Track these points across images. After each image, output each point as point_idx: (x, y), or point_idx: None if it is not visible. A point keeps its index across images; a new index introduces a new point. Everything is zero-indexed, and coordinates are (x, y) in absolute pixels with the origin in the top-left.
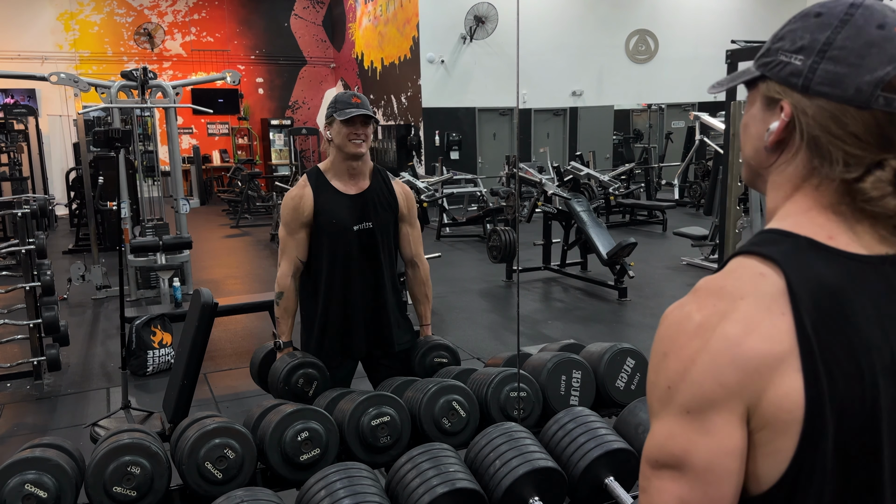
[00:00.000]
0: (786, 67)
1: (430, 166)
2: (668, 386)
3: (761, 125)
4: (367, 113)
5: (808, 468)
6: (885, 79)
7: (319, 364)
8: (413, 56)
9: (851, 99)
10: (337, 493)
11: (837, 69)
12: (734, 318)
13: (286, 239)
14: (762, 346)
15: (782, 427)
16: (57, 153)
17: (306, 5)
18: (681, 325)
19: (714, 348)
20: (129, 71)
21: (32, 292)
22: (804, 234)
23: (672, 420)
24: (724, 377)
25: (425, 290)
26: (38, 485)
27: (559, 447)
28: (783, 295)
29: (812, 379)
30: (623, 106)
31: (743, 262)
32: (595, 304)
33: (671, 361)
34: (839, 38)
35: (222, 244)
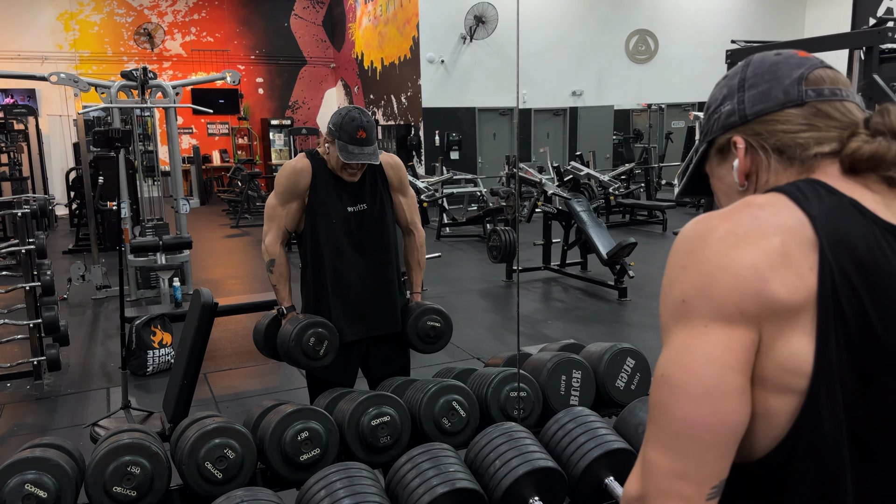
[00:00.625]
0: (721, 118)
1: (430, 166)
2: (684, 300)
3: (728, 175)
4: (368, 162)
5: (808, 438)
6: (802, 77)
7: (329, 324)
8: (413, 56)
9: (785, 102)
10: (337, 493)
11: (760, 89)
12: (763, 251)
13: (276, 207)
14: (786, 293)
15: (781, 388)
16: (57, 153)
17: (306, 5)
18: (705, 238)
19: (739, 272)
20: (129, 71)
21: (32, 292)
22: (849, 195)
23: (684, 334)
24: (746, 305)
25: (419, 256)
26: (38, 485)
27: (559, 447)
28: (815, 250)
29: (822, 343)
30: (623, 106)
31: (785, 203)
32: (595, 304)
33: (688, 274)
34: (749, 72)
35: (222, 244)
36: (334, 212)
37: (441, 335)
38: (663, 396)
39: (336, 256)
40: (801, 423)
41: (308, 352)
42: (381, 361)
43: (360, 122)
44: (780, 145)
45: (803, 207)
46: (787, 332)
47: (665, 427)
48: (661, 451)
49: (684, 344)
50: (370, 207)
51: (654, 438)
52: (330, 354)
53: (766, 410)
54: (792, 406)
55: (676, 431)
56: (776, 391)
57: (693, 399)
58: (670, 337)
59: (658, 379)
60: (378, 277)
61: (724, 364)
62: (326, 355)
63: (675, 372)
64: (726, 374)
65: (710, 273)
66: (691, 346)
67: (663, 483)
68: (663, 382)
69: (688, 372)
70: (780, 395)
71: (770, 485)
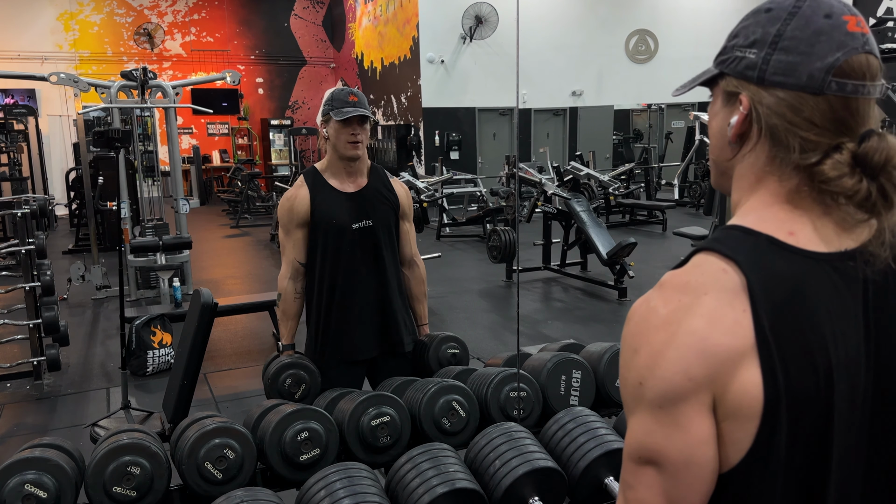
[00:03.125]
0: (741, 62)
1: (430, 166)
2: (640, 382)
3: (723, 120)
4: (364, 114)
5: (763, 457)
6: (835, 64)
7: (311, 368)
8: (413, 56)
9: (805, 86)
10: (337, 493)
11: (789, 58)
12: (699, 313)
13: (284, 240)
14: (726, 339)
15: (743, 419)
16: (57, 153)
17: (306, 5)
18: (647, 320)
19: (681, 342)
20: (129, 71)
21: (32, 292)
22: (765, 232)
23: (646, 416)
24: (692, 370)
25: (423, 288)
26: (37, 485)
27: (559, 447)
28: (744, 291)
29: (769, 374)
30: (623, 106)
31: (706, 259)
32: (595, 304)
33: (640, 357)
34: (789, 30)
35: (222, 244)
36: (339, 227)
37: (461, 361)
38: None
39: (340, 272)
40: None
41: (283, 393)
42: (387, 375)
43: (348, 90)
44: (773, 129)
45: (725, 255)
46: (739, 372)
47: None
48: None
49: (649, 429)
50: (375, 224)
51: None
52: (309, 397)
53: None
54: (752, 429)
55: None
56: (738, 420)
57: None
58: (634, 419)
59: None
60: (381, 295)
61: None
62: (305, 397)
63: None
64: (694, 448)
65: (658, 351)
66: (655, 432)
67: None
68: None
69: (660, 455)
70: (741, 423)
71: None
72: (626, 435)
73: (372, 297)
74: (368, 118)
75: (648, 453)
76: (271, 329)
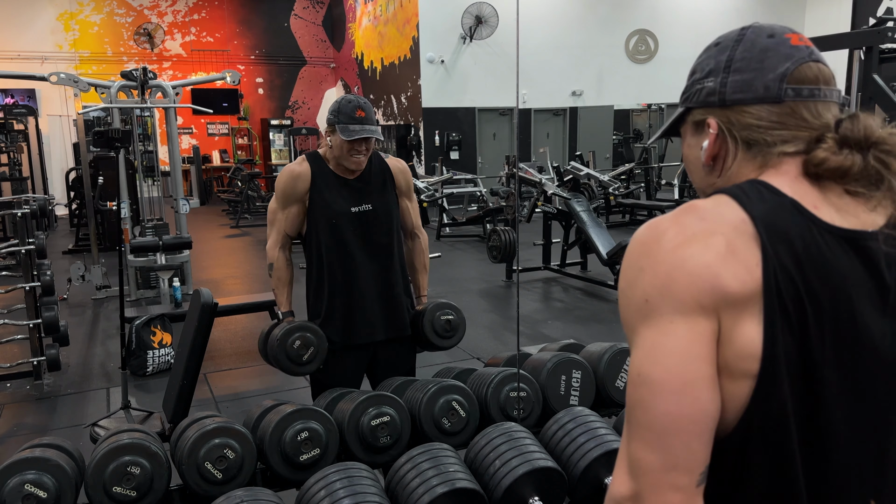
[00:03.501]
0: (702, 92)
1: (430, 166)
2: (647, 300)
3: (697, 149)
4: (370, 136)
5: (760, 420)
6: (786, 73)
7: (318, 330)
8: (413, 56)
9: (764, 97)
10: (337, 493)
11: (744, 77)
12: (712, 248)
13: (276, 212)
14: (736, 283)
15: (738, 373)
16: (57, 153)
17: (306, 5)
18: (659, 241)
19: (693, 270)
20: (129, 71)
21: (32, 292)
22: (791, 196)
23: (651, 333)
24: (703, 298)
25: (424, 259)
26: (37, 485)
27: (559, 447)
28: (758, 248)
29: (770, 334)
30: (623, 106)
31: (728, 204)
32: (595, 304)
33: (646, 276)
34: (738, 53)
35: (222, 244)
36: (337, 212)
37: (456, 328)
38: (643, 395)
39: (340, 258)
40: (754, 404)
41: (292, 356)
42: (387, 366)
43: (356, 102)
44: (749, 139)
45: (745, 207)
46: (741, 321)
47: (649, 424)
48: (649, 448)
49: (655, 342)
50: (375, 208)
51: (638, 437)
52: (315, 361)
53: (728, 395)
54: (747, 389)
55: (662, 427)
56: (734, 377)
57: (673, 394)
58: (639, 336)
59: (635, 379)
60: (382, 280)
61: (696, 356)
62: (311, 361)
63: (652, 370)
64: (700, 366)
65: (667, 272)
66: (662, 343)
67: (657, 477)
68: (641, 382)
69: (664, 368)
70: (737, 380)
71: (731, 465)
72: (631, 356)
73: (373, 282)
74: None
75: (650, 369)
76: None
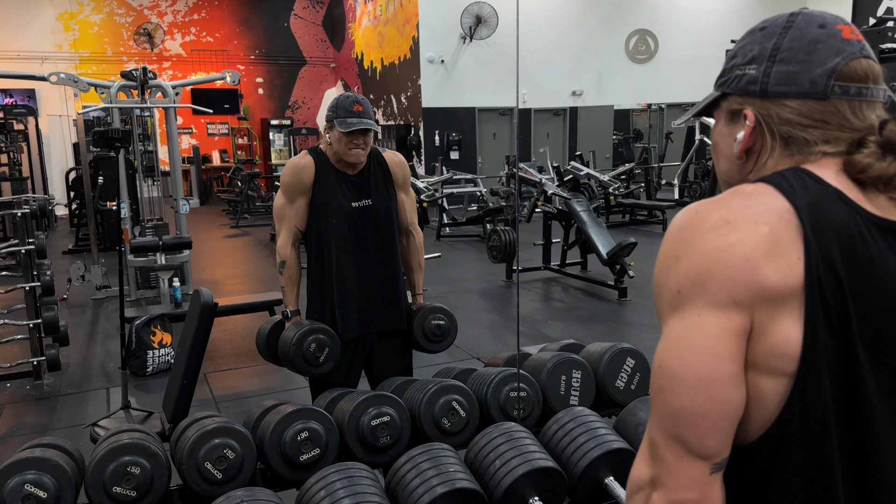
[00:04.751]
0: (742, 79)
1: (430, 166)
2: (679, 290)
3: (729, 139)
4: (368, 127)
5: (798, 420)
6: (835, 69)
7: (331, 331)
8: (413, 56)
9: (808, 92)
10: (337, 493)
11: (790, 68)
12: (754, 239)
13: (284, 207)
14: (777, 279)
15: (774, 371)
16: (57, 153)
17: (306, 5)
18: (697, 228)
19: (732, 263)
20: (129, 71)
21: (32, 292)
22: (835, 186)
23: (680, 325)
24: (738, 293)
25: (419, 258)
26: (37, 485)
27: (559, 447)
28: (800, 240)
29: (811, 329)
30: (623, 106)
31: (771, 192)
32: (595, 304)
33: (683, 265)
34: (785, 42)
35: (222, 244)
36: (338, 206)
37: (446, 333)
38: (662, 386)
39: (340, 251)
40: (791, 405)
41: (308, 358)
42: (385, 362)
43: (354, 98)
44: (787, 135)
45: (788, 197)
46: (778, 318)
47: (666, 415)
48: (665, 436)
49: (679, 335)
50: (375, 203)
51: (656, 424)
52: (330, 362)
53: (758, 393)
54: (782, 389)
55: (677, 418)
56: (767, 374)
57: (688, 389)
58: (666, 326)
59: (656, 369)
60: (382, 273)
61: (717, 354)
62: (326, 362)
63: (671, 363)
64: (719, 364)
65: (704, 263)
66: (685, 338)
67: (672, 464)
68: (661, 373)
69: (682, 363)
70: (771, 378)
71: (761, 467)
72: (659, 345)
73: (371, 277)
74: (372, 129)
75: (678, 361)
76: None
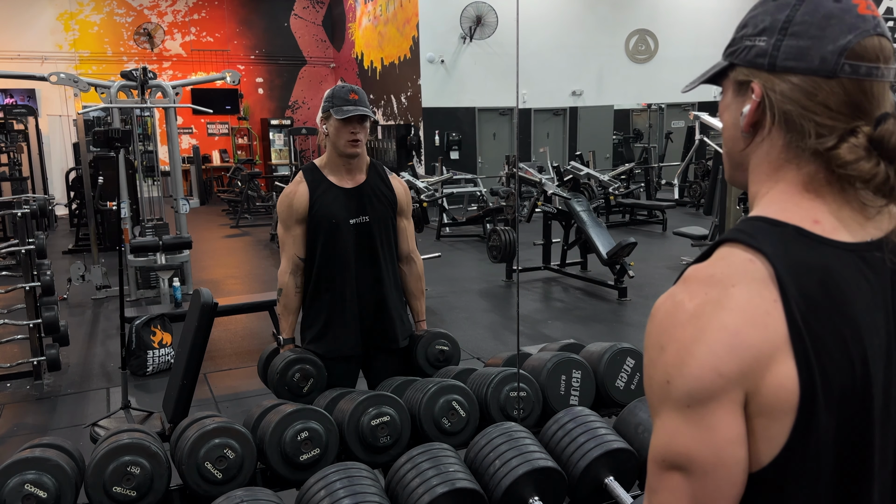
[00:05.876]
0: (751, 50)
1: (430, 166)
2: (667, 381)
3: (735, 111)
4: (364, 113)
5: (800, 454)
6: (847, 46)
7: (317, 362)
8: (413, 56)
9: (818, 70)
10: (337, 493)
11: (800, 43)
12: (728, 306)
13: (284, 236)
14: (759, 333)
15: (778, 414)
16: (57, 153)
17: (306, 5)
18: (674, 315)
19: (710, 338)
20: (129, 71)
21: (32, 292)
22: (792, 223)
23: (674, 416)
24: (724, 367)
25: (420, 285)
26: (37, 485)
27: (559, 447)
28: (773, 281)
29: (804, 366)
30: (623, 106)
31: (731, 251)
32: (595, 304)
33: (667, 355)
34: (798, 15)
35: (222, 244)
36: (335, 223)
37: (449, 359)
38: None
39: (336, 267)
40: (792, 441)
41: (292, 387)
42: (382, 372)
43: (349, 87)
44: (787, 115)
45: (751, 246)
46: (774, 366)
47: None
48: None
49: (677, 430)
50: (372, 220)
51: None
52: (315, 392)
53: (763, 434)
54: (785, 427)
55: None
56: (771, 417)
57: (698, 479)
58: (660, 419)
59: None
60: (378, 290)
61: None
62: (311, 392)
63: (675, 458)
64: (724, 449)
65: (686, 348)
66: (683, 433)
67: None
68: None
69: (687, 456)
70: (774, 419)
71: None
72: (652, 437)
73: (367, 293)
74: (368, 117)
75: (675, 456)
76: (271, 329)
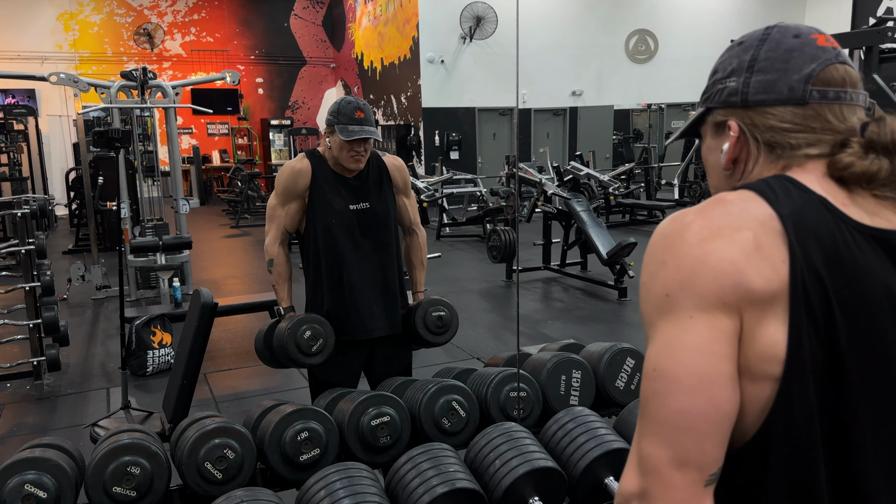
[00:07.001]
0: (723, 91)
1: (430, 166)
2: (667, 294)
3: (717, 151)
4: (369, 136)
5: (783, 426)
6: (812, 74)
7: (326, 322)
8: (413, 56)
9: (788, 99)
10: (337, 493)
11: (768, 77)
12: (738, 244)
13: (276, 208)
14: (761, 281)
15: (759, 375)
16: (57, 153)
17: (306, 5)
18: (682, 235)
19: (717, 265)
20: (129, 71)
21: (32, 292)
22: (820, 193)
23: (669, 328)
24: (726, 295)
25: (422, 256)
26: (37, 485)
27: (559, 447)
28: (785, 246)
29: (795, 336)
30: (623, 106)
31: (755, 200)
32: (595, 304)
33: (669, 269)
34: (762, 53)
35: (222, 244)
36: (336, 210)
37: (448, 325)
38: (658, 390)
39: (338, 255)
40: (776, 410)
41: (302, 345)
42: (384, 363)
43: (356, 104)
44: (771, 141)
45: (772, 204)
46: (764, 321)
47: (662, 420)
48: (660, 444)
49: (673, 336)
50: (373, 206)
51: (649, 433)
52: (323, 353)
53: (747, 398)
54: (767, 394)
55: (674, 424)
56: (755, 379)
57: (688, 390)
58: (656, 331)
59: (650, 373)
60: (380, 277)
61: (714, 353)
62: (319, 353)
63: (668, 365)
64: (717, 363)
65: (690, 266)
66: (680, 338)
67: (666, 475)
68: (656, 377)
69: (680, 364)
70: (758, 383)
71: (749, 473)
72: (647, 350)
73: (370, 279)
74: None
75: (669, 363)
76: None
